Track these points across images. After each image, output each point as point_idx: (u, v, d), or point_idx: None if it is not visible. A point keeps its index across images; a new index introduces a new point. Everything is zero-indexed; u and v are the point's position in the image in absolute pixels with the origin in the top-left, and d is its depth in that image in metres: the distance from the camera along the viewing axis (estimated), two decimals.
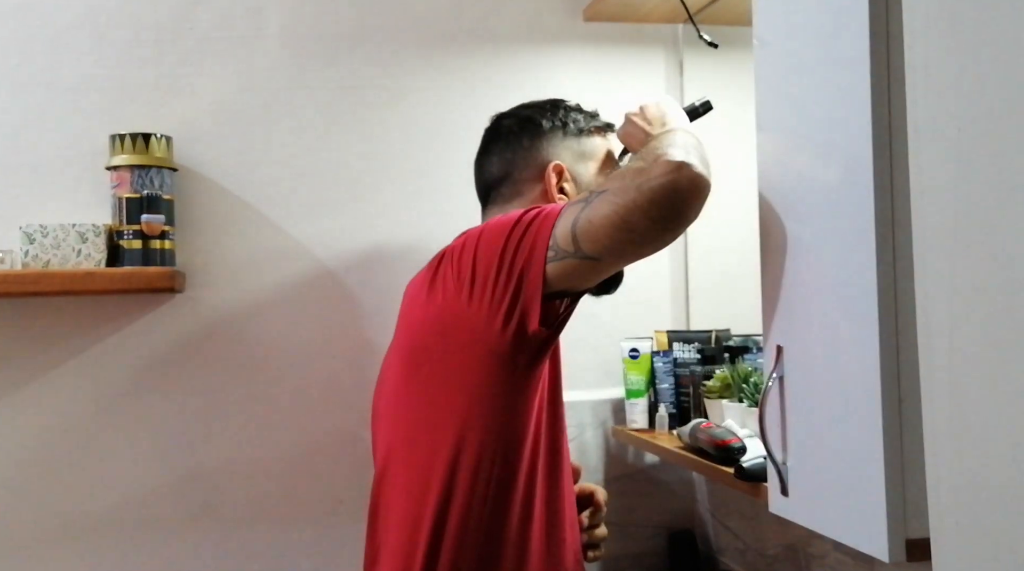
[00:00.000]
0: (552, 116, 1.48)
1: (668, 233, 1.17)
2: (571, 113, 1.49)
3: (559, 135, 1.46)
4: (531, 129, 1.47)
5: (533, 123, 1.47)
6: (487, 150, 1.50)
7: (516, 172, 1.45)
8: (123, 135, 1.69)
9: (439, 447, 1.27)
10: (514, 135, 1.47)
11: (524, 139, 1.46)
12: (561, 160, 1.43)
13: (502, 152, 1.47)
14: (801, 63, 1.13)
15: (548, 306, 1.21)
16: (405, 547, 1.28)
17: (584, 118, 1.49)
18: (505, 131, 1.49)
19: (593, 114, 1.51)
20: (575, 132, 1.46)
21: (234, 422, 1.81)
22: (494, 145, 1.49)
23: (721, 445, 1.46)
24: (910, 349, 0.96)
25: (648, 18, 1.99)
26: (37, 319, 1.75)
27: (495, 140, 1.50)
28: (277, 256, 1.84)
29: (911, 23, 0.73)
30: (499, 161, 1.47)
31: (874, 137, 0.98)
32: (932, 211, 0.71)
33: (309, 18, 1.88)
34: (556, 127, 1.46)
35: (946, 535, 0.70)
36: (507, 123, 1.50)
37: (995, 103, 0.65)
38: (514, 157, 1.46)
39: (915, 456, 0.95)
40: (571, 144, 1.46)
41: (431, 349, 1.29)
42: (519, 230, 1.21)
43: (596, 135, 1.48)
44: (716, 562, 1.94)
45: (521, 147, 1.46)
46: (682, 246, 2.03)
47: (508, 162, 1.46)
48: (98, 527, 1.76)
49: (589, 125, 1.48)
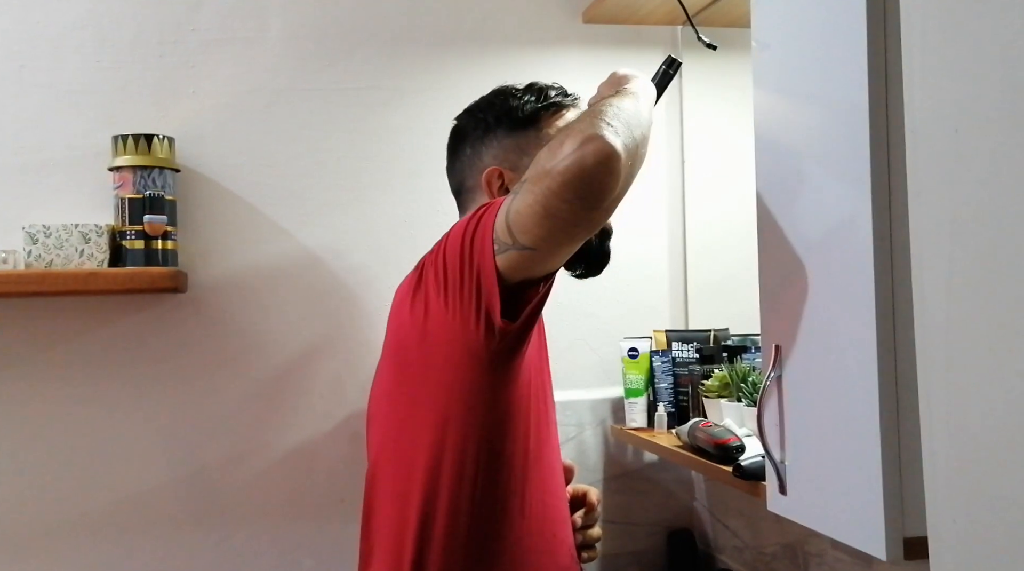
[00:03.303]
0: (487, 115, 1.41)
1: (594, 211, 1.10)
2: (513, 103, 1.40)
3: (496, 136, 1.39)
4: (471, 134, 1.42)
5: (472, 127, 1.42)
6: (447, 162, 1.48)
7: (467, 181, 1.43)
8: (125, 136, 1.70)
9: (421, 447, 1.26)
10: (459, 144, 1.45)
11: (466, 147, 1.43)
12: (500, 162, 1.37)
13: (453, 163, 1.46)
14: (800, 65, 1.13)
15: (515, 298, 1.18)
16: (394, 549, 1.28)
17: (534, 101, 1.40)
18: (453, 141, 1.47)
19: (546, 92, 1.42)
20: (517, 124, 1.39)
21: (236, 422, 1.82)
22: (449, 155, 1.48)
23: (720, 444, 1.47)
24: (908, 348, 0.97)
25: (647, 20, 1.99)
26: (40, 319, 1.75)
27: (449, 150, 1.48)
28: (279, 256, 1.85)
29: (909, 25, 0.74)
30: (453, 173, 1.46)
31: (872, 137, 0.99)
32: (929, 211, 0.71)
33: (310, 20, 1.88)
34: (491, 128, 1.40)
35: (944, 533, 0.70)
36: (453, 130, 1.47)
37: (992, 104, 0.65)
38: (461, 167, 1.43)
39: (913, 455, 0.96)
40: (512, 142, 1.38)
41: (415, 351, 1.29)
42: (471, 229, 1.20)
43: (549, 118, 1.39)
44: (714, 560, 1.95)
45: (464, 155, 1.43)
46: (681, 246, 2.04)
47: (459, 173, 1.44)
48: (99, 527, 1.76)
49: (538, 106, 1.39)
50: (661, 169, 2.03)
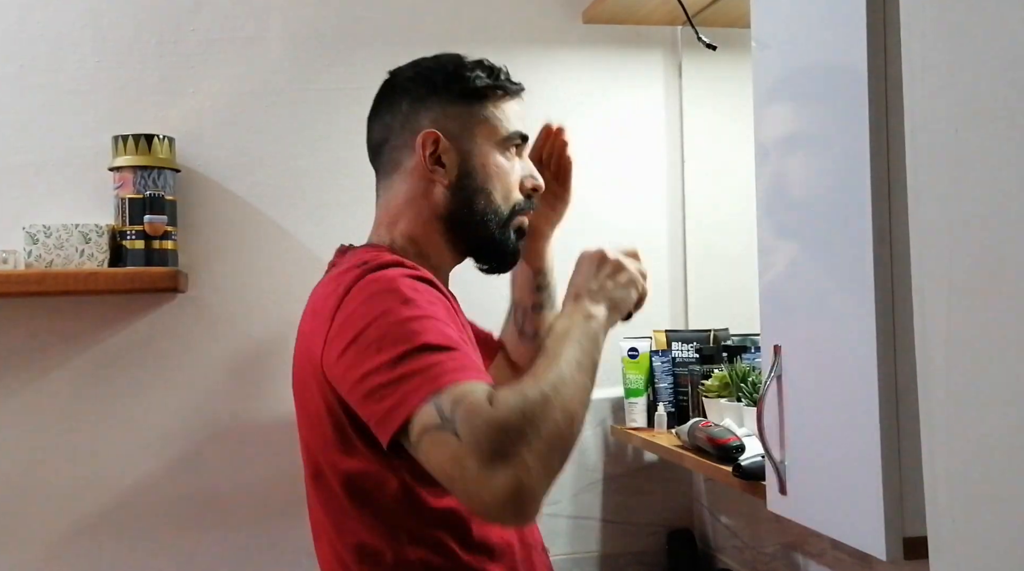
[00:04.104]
0: (435, 76, 1.29)
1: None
2: (466, 73, 1.28)
3: (440, 100, 1.27)
4: (413, 91, 1.29)
5: (415, 84, 1.29)
6: (375, 110, 1.34)
7: (392, 138, 1.30)
8: (126, 136, 1.70)
9: None
10: (397, 97, 1.31)
11: (404, 103, 1.29)
12: (439, 127, 1.25)
13: (383, 116, 1.32)
14: (799, 65, 1.14)
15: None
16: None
17: (485, 78, 1.29)
18: (388, 91, 1.33)
19: (498, 73, 1.31)
20: (466, 94, 1.27)
21: (236, 421, 1.82)
22: (377, 105, 1.34)
23: (719, 444, 1.47)
24: (907, 348, 0.97)
25: (647, 20, 1.99)
26: (40, 319, 1.75)
27: (381, 101, 1.34)
28: (279, 256, 1.85)
29: (908, 25, 0.74)
30: (378, 125, 1.33)
31: (872, 138, 0.99)
32: (929, 211, 0.71)
33: (310, 20, 1.88)
34: (437, 90, 1.28)
35: (943, 533, 0.70)
36: (389, 80, 1.34)
37: (992, 104, 0.65)
38: (392, 120, 1.30)
39: (912, 454, 0.96)
40: (456, 111, 1.27)
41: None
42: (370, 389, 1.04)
43: (497, 99, 1.29)
44: (714, 560, 1.95)
45: (400, 112, 1.29)
46: (681, 246, 2.04)
47: (387, 127, 1.31)
48: (99, 526, 1.76)
49: (490, 84, 1.29)
50: (661, 169, 2.03)
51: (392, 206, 1.30)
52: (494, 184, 1.26)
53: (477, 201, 1.26)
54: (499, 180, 1.27)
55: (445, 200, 1.26)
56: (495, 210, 1.26)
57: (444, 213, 1.26)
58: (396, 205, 1.29)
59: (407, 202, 1.28)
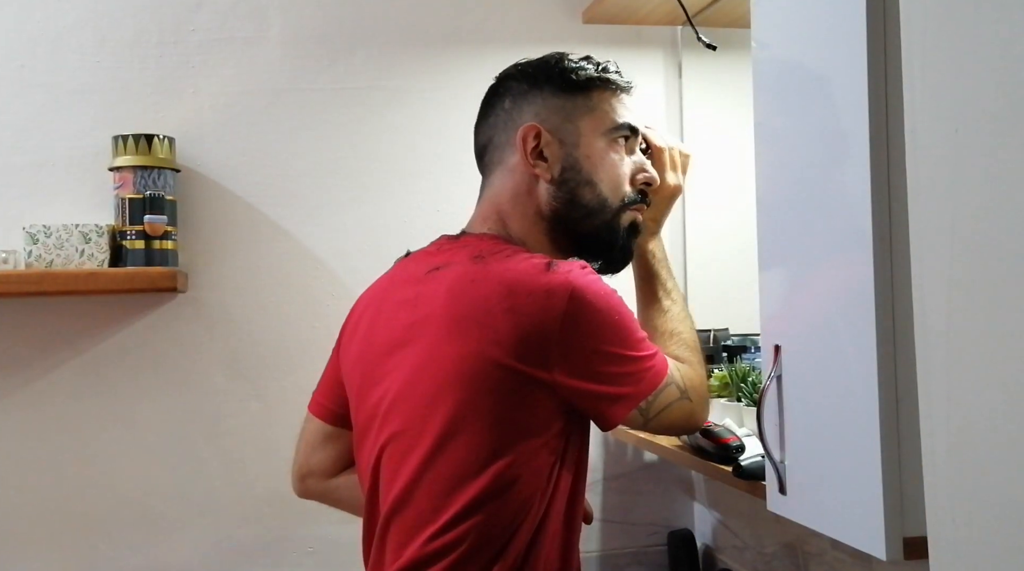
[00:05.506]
0: (536, 72, 1.28)
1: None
2: (568, 67, 1.27)
3: (542, 93, 1.26)
4: (515, 88, 1.29)
5: (517, 81, 1.29)
6: (480, 114, 1.34)
7: (496, 136, 1.29)
8: (126, 136, 1.70)
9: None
10: (499, 97, 1.31)
11: (506, 100, 1.29)
12: (541, 120, 1.24)
13: (486, 117, 1.32)
14: (799, 65, 1.13)
15: None
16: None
17: (591, 70, 1.27)
18: (492, 93, 1.33)
19: (605, 66, 1.29)
20: (568, 86, 1.26)
21: (236, 421, 1.82)
22: (485, 109, 1.34)
23: (720, 444, 1.47)
24: (907, 348, 0.97)
25: (647, 20, 1.99)
26: (40, 319, 1.76)
27: (485, 104, 1.34)
28: (278, 256, 1.85)
29: (908, 24, 0.74)
30: (483, 127, 1.32)
31: (871, 137, 0.99)
32: (929, 211, 0.71)
33: (310, 20, 1.88)
34: (538, 83, 1.27)
35: (943, 533, 0.70)
36: (495, 86, 1.34)
37: (992, 104, 0.65)
38: (496, 120, 1.30)
39: (912, 454, 0.96)
40: (559, 103, 1.25)
41: None
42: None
43: (602, 92, 1.27)
44: (714, 560, 1.95)
45: (502, 109, 1.29)
46: (681, 246, 2.04)
47: (491, 127, 1.30)
48: (99, 526, 1.77)
49: (594, 76, 1.27)
50: None
51: (496, 202, 1.27)
52: (600, 176, 1.24)
53: (583, 194, 1.23)
54: (606, 172, 1.24)
55: (549, 196, 1.23)
56: (602, 203, 1.24)
57: (548, 211, 1.24)
58: (500, 202, 1.26)
59: (511, 200, 1.25)
